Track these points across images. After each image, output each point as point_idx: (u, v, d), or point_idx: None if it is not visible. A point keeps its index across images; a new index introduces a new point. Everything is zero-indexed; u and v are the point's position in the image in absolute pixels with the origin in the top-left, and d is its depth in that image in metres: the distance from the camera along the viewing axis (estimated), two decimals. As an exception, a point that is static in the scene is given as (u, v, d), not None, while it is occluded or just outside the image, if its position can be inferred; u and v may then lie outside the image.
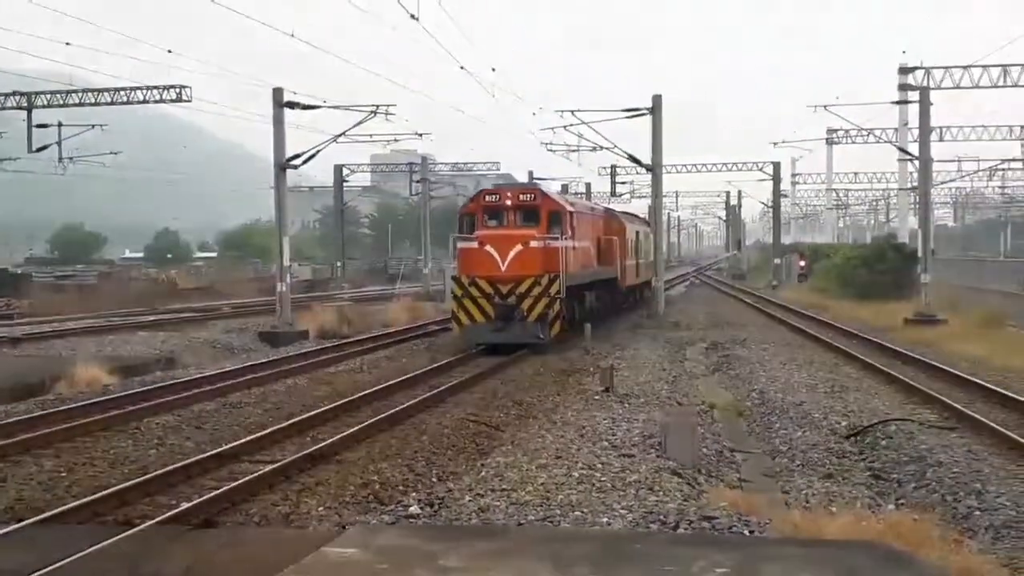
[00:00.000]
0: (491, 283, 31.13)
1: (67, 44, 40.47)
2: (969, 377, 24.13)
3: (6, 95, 46.55)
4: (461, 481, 13.88)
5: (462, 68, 38.82)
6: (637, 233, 49.94)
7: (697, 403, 21.76)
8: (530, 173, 71.57)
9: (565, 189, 62.77)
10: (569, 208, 34.49)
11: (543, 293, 31.04)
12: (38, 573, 9.56)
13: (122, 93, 45.74)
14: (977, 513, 13.25)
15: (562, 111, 45.93)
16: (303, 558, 9.59)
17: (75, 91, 46.33)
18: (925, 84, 46.47)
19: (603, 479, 13.61)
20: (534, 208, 32.93)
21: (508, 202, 32.90)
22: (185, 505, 12.73)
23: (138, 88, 45.43)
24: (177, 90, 43.82)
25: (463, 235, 33.23)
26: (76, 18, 37.36)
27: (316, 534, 11.24)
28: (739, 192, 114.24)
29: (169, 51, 43.45)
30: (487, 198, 33.70)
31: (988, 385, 22.72)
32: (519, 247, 31.21)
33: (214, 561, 10.21)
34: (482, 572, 9.19)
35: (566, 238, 32.75)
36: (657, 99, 43.34)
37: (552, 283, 31.10)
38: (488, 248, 31.47)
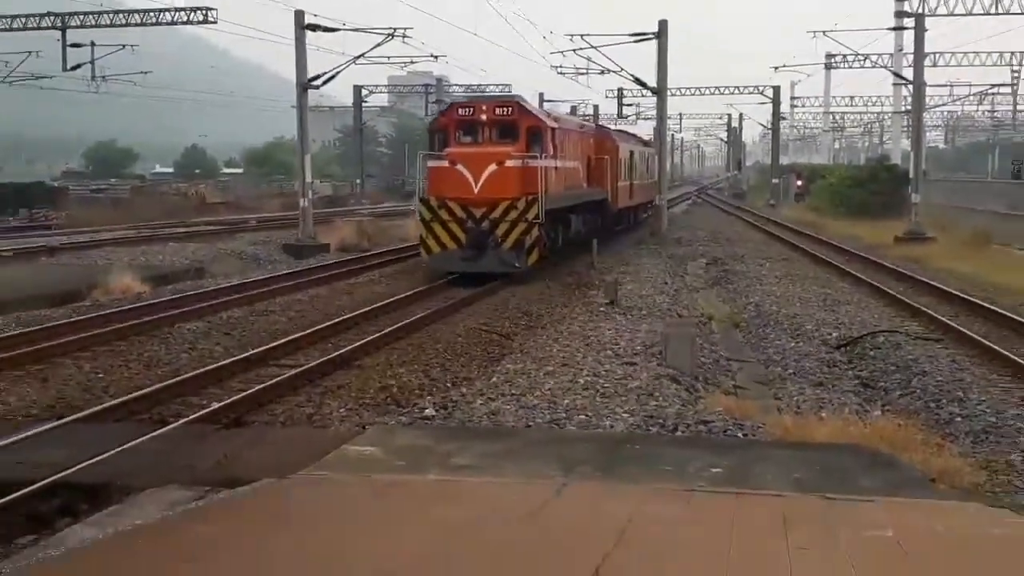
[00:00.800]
0: (463, 206, 27.16)
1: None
2: (955, 292, 24.20)
3: (41, 15, 46.26)
4: (473, 386, 14.00)
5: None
6: (632, 153, 46.28)
7: (696, 315, 21.84)
8: (540, 95, 70.64)
9: (574, 110, 61.87)
10: (551, 124, 30.25)
11: (520, 218, 27.13)
12: (77, 467, 9.72)
13: (151, 14, 45.29)
14: (959, 419, 13.37)
15: (571, 35, 46.22)
16: (326, 455, 9.75)
17: (106, 12, 45.95)
18: (920, 11, 46.03)
19: (606, 385, 13.70)
20: (512, 123, 28.50)
21: (483, 116, 28.47)
22: (215, 405, 12.85)
23: (167, 9, 45.02)
24: (204, 12, 43.31)
25: (433, 153, 29.22)
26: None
27: (338, 433, 11.39)
28: (740, 115, 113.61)
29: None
30: (460, 111, 29.22)
31: (973, 300, 22.82)
32: (494, 166, 27.15)
33: (242, 457, 10.35)
34: (492, 470, 9.34)
35: (547, 157, 28.75)
36: (663, 24, 43.18)
37: (530, 207, 27.12)
38: (459, 167, 27.31)
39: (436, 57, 55.31)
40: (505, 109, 28.76)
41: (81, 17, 46.62)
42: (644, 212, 53.15)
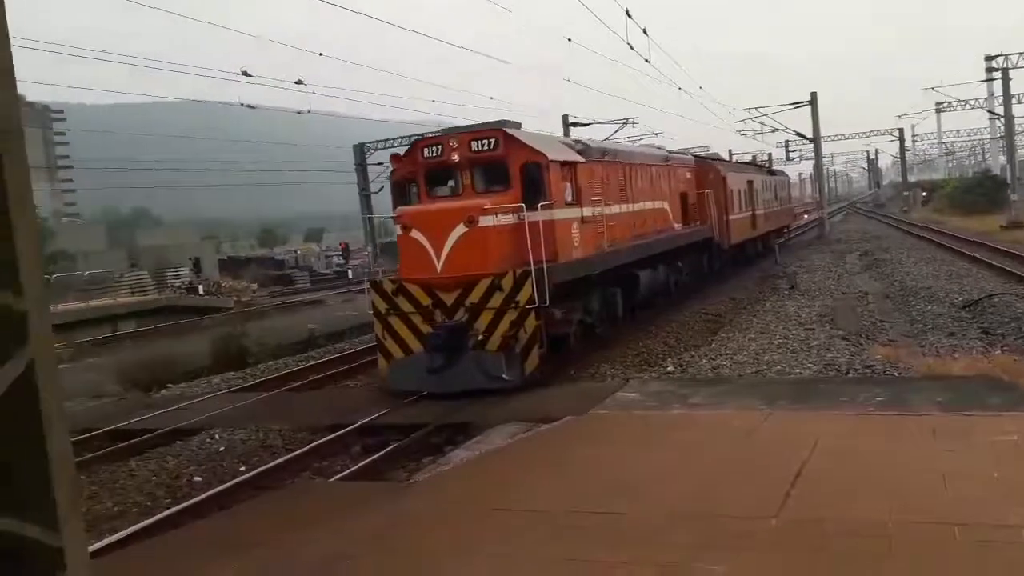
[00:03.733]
0: (427, 289, 12.65)
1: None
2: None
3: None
4: (699, 351, 13.88)
5: (680, 89, 37.73)
6: (752, 182, 30.24)
7: (856, 292, 20.68)
8: (730, 152, 68.51)
9: (754, 159, 59.37)
10: (559, 158, 13.78)
11: (507, 303, 12.38)
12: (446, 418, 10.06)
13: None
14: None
15: (749, 108, 45.82)
16: (605, 399, 9.99)
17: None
18: (1005, 66, 43.18)
19: (794, 344, 13.29)
20: (497, 162, 13.35)
21: (454, 156, 13.46)
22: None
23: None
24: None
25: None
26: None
27: (611, 385, 11.57)
28: (875, 150, 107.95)
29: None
30: (425, 153, 13.76)
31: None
32: (461, 228, 12.54)
33: (551, 401, 10.69)
34: (716, 404, 9.30)
35: (561, 205, 13.52)
36: (814, 95, 44.15)
37: (522, 284, 12.26)
38: (415, 234, 12.76)
39: (656, 134, 54.83)
40: (485, 143, 13.33)
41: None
42: (779, 237, 37.74)
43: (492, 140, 13.10)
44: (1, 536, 2.27)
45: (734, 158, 44.84)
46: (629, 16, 22.76)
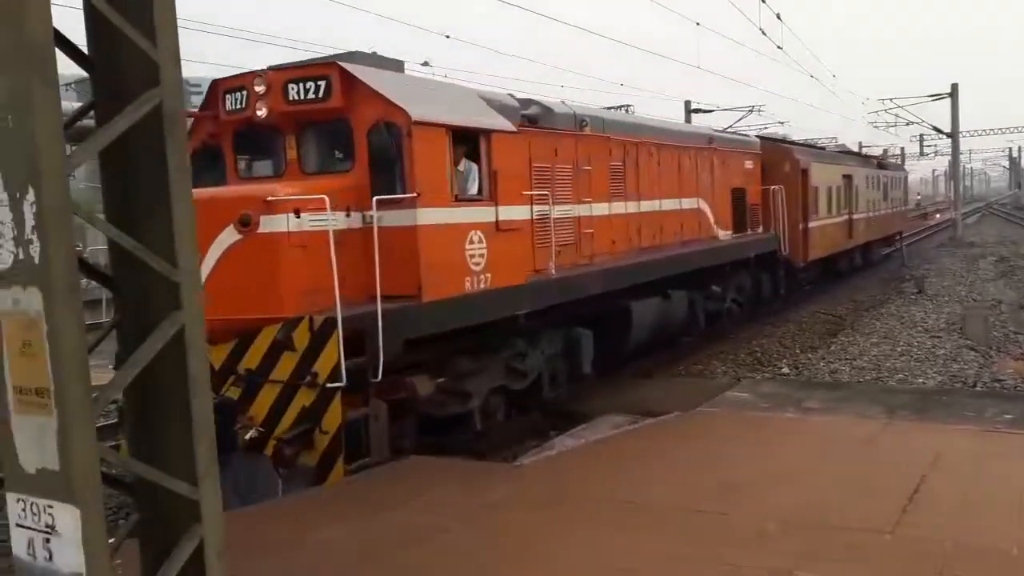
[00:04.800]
0: None
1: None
2: None
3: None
4: (816, 353, 13.50)
5: (812, 77, 36.39)
6: (851, 177, 23.00)
7: (988, 300, 19.55)
8: (860, 145, 65.50)
9: (885, 153, 56.34)
10: (440, 119, 7.79)
11: (302, 373, 6.61)
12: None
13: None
14: None
15: (883, 99, 43.28)
16: (715, 397, 9.84)
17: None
18: None
19: (918, 352, 12.75)
20: (331, 121, 7.70)
21: (261, 110, 7.62)
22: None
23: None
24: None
25: None
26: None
27: (720, 383, 11.40)
28: (1020, 147, 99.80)
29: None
30: (227, 103, 7.88)
31: None
32: (230, 235, 6.73)
33: (652, 396, 10.64)
34: (832, 410, 9.02)
35: (448, 201, 7.90)
36: (954, 87, 41.14)
37: (323, 341, 6.58)
38: None
39: (782, 123, 53.08)
40: (309, 88, 7.57)
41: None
42: (889, 246, 31.24)
43: (319, 83, 7.59)
44: (149, 486, 2.49)
45: (863, 151, 42.01)
46: (763, 0, 22.08)
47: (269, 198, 6.84)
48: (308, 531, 5.72)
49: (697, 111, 36.58)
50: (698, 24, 25.49)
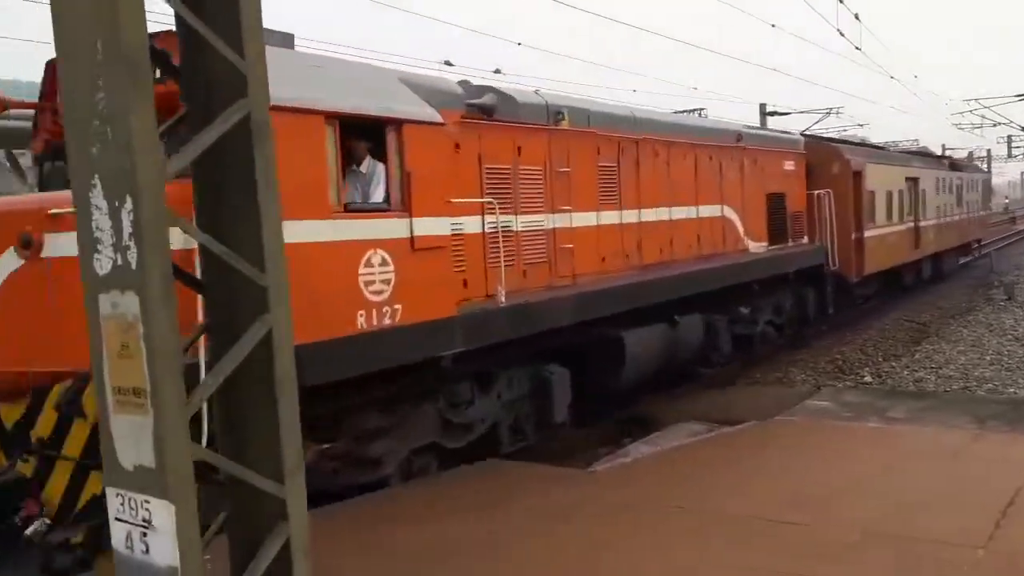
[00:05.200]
0: None
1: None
2: None
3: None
4: (900, 361, 13.07)
5: (892, 78, 35.28)
6: (917, 180, 20.65)
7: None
8: (943, 147, 63.26)
9: (970, 156, 53.77)
10: (311, 103, 5.84)
11: (93, 448, 4.73)
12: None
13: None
14: None
15: (967, 99, 41.58)
16: (794, 406, 9.62)
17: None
18: None
19: (1009, 362, 12.22)
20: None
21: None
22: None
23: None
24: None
25: None
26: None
27: (800, 391, 11.12)
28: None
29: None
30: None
31: None
32: (11, 260, 5.23)
33: (734, 403, 10.45)
34: (917, 420, 8.73)
35: (327, 212, 5.98)
36: None
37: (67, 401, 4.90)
38: None
39: (861, 125, 51.71)
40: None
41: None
42: (967, 255, 28.77)
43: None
44: (239, 484, 2.56)
45: (947, 154, 39.61)
46: (840, 1, 21.55)
47: (52, 211, 5.12)
48: (382, 527, 5.82)
49: (772, 114, 35.83)
50: (774, 26, 25.01)
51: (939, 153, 33.52)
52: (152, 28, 2.58)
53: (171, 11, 2.56)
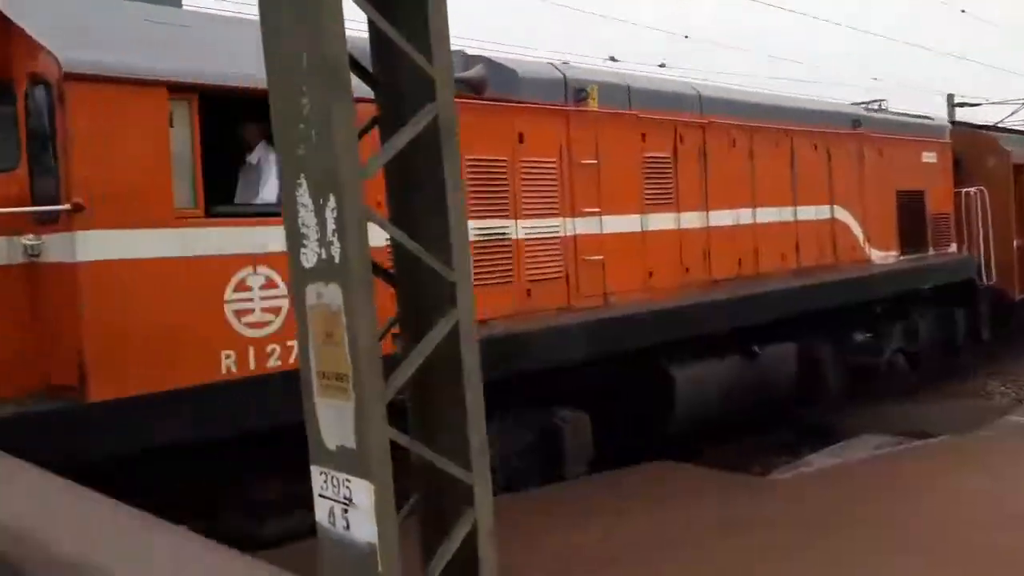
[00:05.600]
0: None
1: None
2: None
3: None
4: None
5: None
6: None
7: None
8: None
9: None
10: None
11: None
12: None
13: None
14: None
15: None
16: (993, 421, 8.95)
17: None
18: None
19: None
20: None
21: None
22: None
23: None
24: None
25: None
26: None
27: (998, 405, 10.34)
28: None
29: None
30: None
31: None
32: None
33: (918, 415, 9.84)
34: None
35: (157, 221, 4.65)
36: None
37: None
38: None
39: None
40: None
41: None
42: None
43: None
44: (431, 470, 2.68)
45: None
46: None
47: None
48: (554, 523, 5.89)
49: (961, 105, 33.27)
50: (963, 12, 23.28)
51: None
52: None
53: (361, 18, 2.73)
